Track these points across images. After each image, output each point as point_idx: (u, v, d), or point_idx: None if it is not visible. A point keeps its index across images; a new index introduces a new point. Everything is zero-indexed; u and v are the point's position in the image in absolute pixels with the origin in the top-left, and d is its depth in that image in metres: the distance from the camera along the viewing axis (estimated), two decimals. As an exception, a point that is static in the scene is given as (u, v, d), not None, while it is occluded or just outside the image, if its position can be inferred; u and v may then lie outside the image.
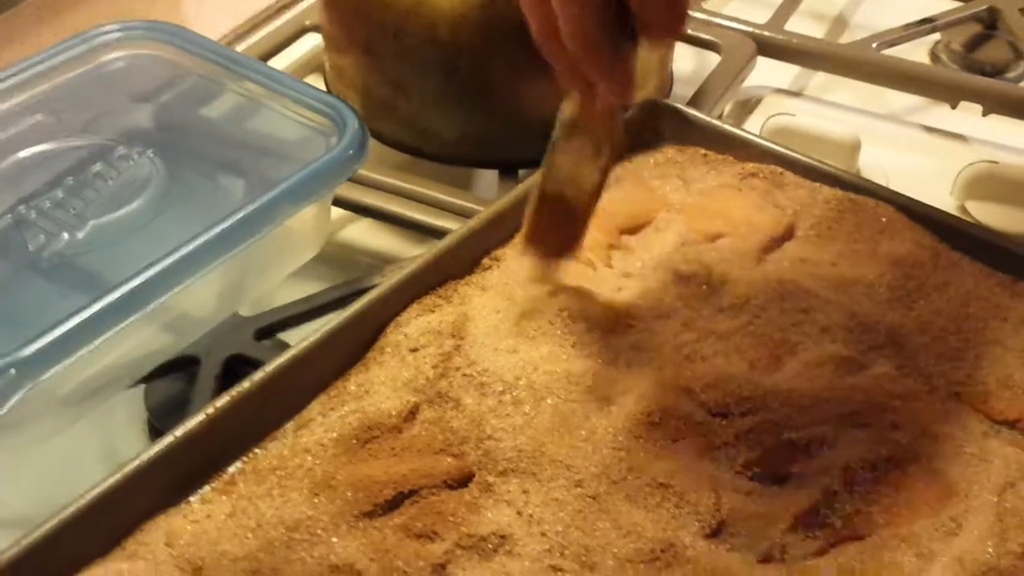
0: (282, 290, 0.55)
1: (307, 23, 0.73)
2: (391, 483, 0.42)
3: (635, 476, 0.42)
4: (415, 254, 0.54)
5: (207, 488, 0.42)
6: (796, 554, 0.41)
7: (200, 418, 0.42)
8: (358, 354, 0.48)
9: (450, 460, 0.43)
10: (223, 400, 0.43)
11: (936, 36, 0.77)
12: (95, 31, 0.57)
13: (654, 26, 0.43)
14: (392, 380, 0.46)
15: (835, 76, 0.72)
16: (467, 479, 0.43)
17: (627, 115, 0.58)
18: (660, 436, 0.44)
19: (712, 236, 0.53)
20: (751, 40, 0.72)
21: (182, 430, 0.41)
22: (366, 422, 0.44)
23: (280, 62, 0.71)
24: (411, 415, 0.45)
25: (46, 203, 0.49)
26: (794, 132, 0.64)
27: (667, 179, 0.57)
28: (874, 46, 0.73)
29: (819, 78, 0.74)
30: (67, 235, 0.48)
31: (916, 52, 0.76)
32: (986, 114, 0.69)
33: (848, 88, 0.73)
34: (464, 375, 0.46)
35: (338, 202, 0.58)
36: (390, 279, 0.49)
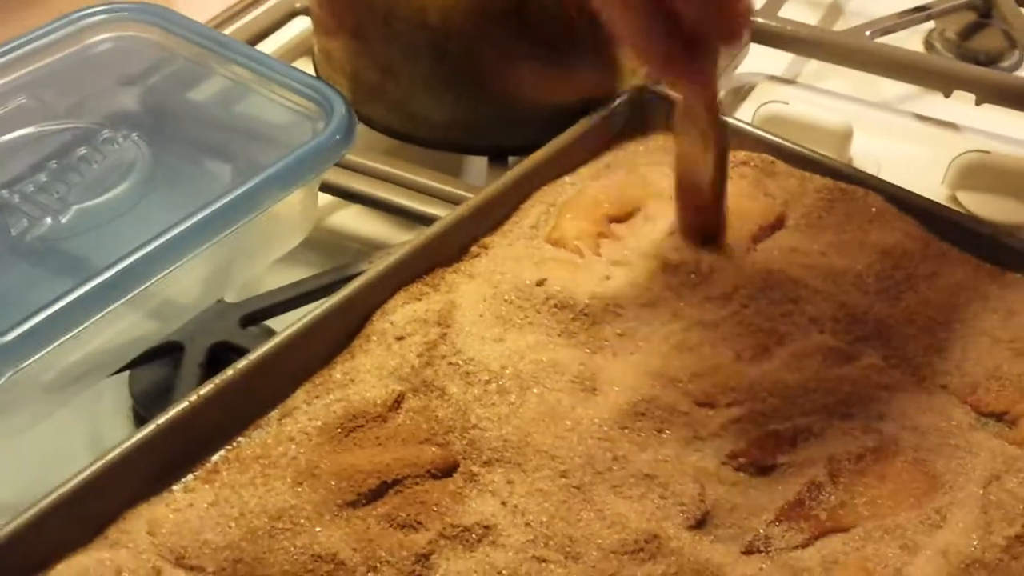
0: (268, 276, 0.55)
1: (296, 6, 0.72)
2: (375, 472, 0.42)
3: (620, 467, 0.42)
4: (403, 240, 0.54)
5: (190, 477, 0.42)
6: (780, 546, 0.41)
7: (183, 406, 0.42)
8: (344, 342, 0.47)
9: (435, 450, 0.43)
10: (206, 388, 0.42)
11: (931, 24, 0.77)
12: (80, 12, 0.56)
13: (713, 35, 0.45)
14: (378, 368, 0.46)
15: (829, 64, 0.72)
16: (452, 469, 0.43)
17: (618, 102, 0.58)
18: (646, 426, 0.44)
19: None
20: (744, 26, 0.71)
21: (164, 418, 0.41)
22: (351, 411, 0.44)
23: (269, 45, 0.70)
24: (396, 404, 0.44)
25: (29, 187, 0.48)
26: (786, 120, 0.64)
27: (657, 167, 0.56)
28: (868, 34, 0.72)
29: (813, 65, 0.74)
30: (50, 220, 0.47)
31: (910, 40, 0.76)
32: (979, 103, 0.68)
33: (842, 76, 0.73)
34: (450, 364, 0.46)
35: (326, 187, 0.58)
36: (377, 266, 0.49)
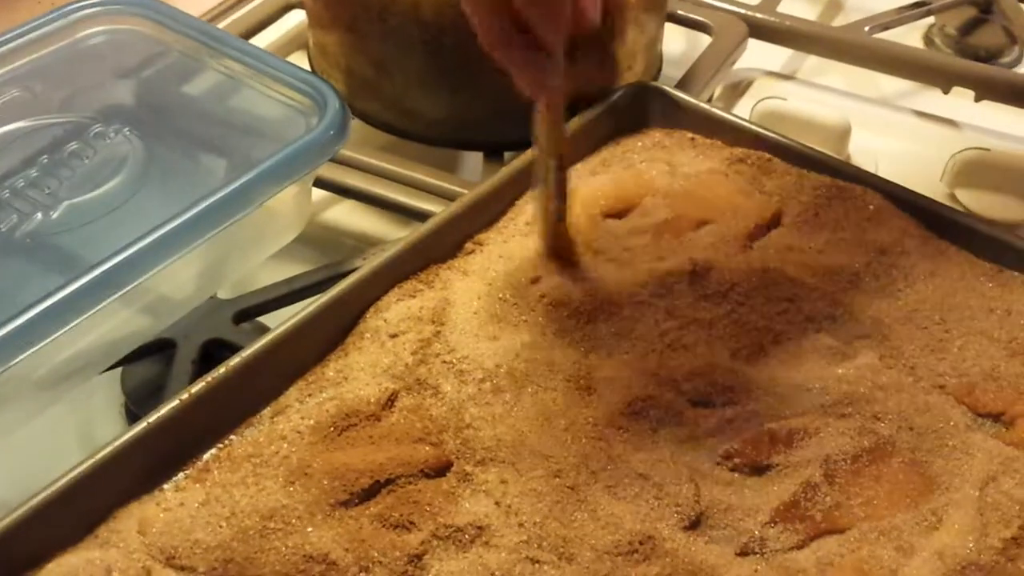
0: (262, 272, 0.55)
1: (291, 0, 0.72)
2: (368, 472, 0.41)
3: (614, 467, 0.42)
4: (398, 237, 0.54)
5: (181, 475, 0.42)
6: (775, 547, 0.40)
7: (174, 404, 0.41)
8: (337, 339, 0.47)
9: (428, 449, 0.43)
10: (198, 386, 0.42)
11: (930, 20, 0.77)
12: (73, 5, 0.56)
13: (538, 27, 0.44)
14: (371, 366, 0.45)
15: (827, 59, 0.72)
16: (445, 468, 0.42)
17: (615, 97, 0.58)
18: (641, 426, 0.44)
19: (698, 222, 0.53)
20: (743, 22, 0.71)
21: (155, 416, 0.41)
22: (344, 409, 0.43)
23: (263, 39, 0.70)
24: (389, 402, 0.44)
25: (19, 182, 0.48)
26: (784, 116, 0.64)
27: (654, 163, 0.56)
28: (867, 29, 0.72)
29: (811, 61, 0.74)
30: (41, 215, 0.47)
31: (910, 36, 0.75)
32: (979, 100, 0.68)
33: (840, 72, 0.72)
34: (444, 362, 0.46)
35: (321, 183, 0.58)
36: (370, 263, 0.48)
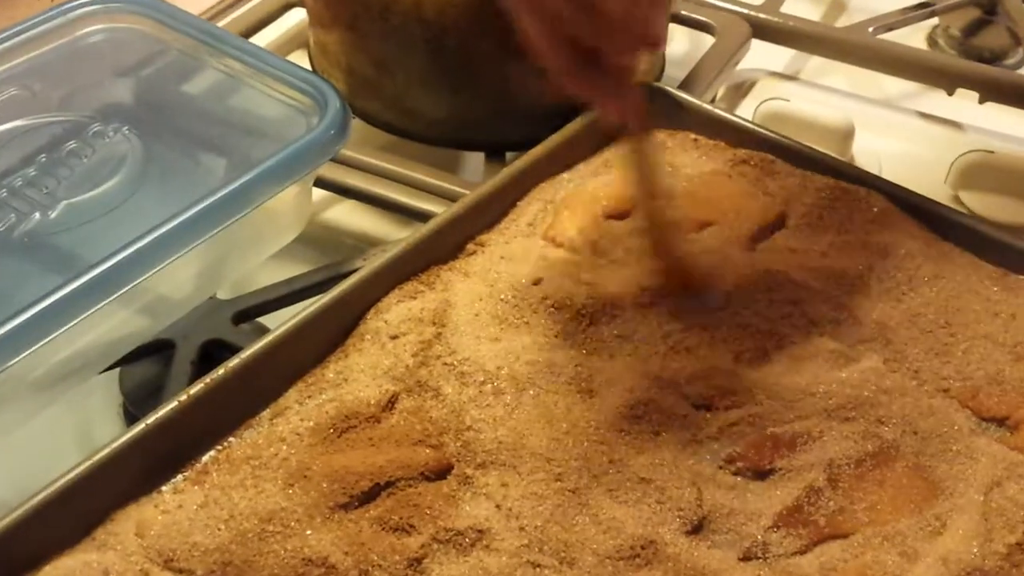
0: (262, 272, 0.54)
1: (292, -2, 0.71)
2: (368, 474, 0.41)
3: (616, 470, 0.42)
4: (399, 237, 0.53)
5: (179, 477, 0.41)
6: (778, 552, 0.40)
7: (172, 406, 0.41)
8: (337, 340, 0.47)
9: (428, 451, 0.42)
10: (197, 387, 0.42)
11: (934, 21, 0.76)
12: (73, 3, 0.56)
13: (610, 51, 0.44)
14: (371, 368, 0.45)
15: (831, 60, 0.71)
16: (445, 471, 0.42)
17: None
18: (643, 429, 0.43)
19: (701, 224, 0.52)
20: (746, 22, 0.71)
21: (153, 418, 0.41)
22: (344, 411, 0.43)
23: (264, 38, 0.70)
24: (390, 404, 0.44)
25: (17, 181, 0.48)
26: (787, 117, 0.63)
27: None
28: (871, 30, 0.71)
29: (814, 62, 0.73)
30: (39, 215, 0.47)
31: (914, 37, 0.75)
32: (983, 101, 0.68)
33: (844, 72, 0.72)
34: (444, 364, 0.45)
35: (321, 183, 0.57)
36: (371, 264, 0.48)
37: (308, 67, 0.63)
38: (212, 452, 0.42)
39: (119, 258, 0.43)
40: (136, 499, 0.40)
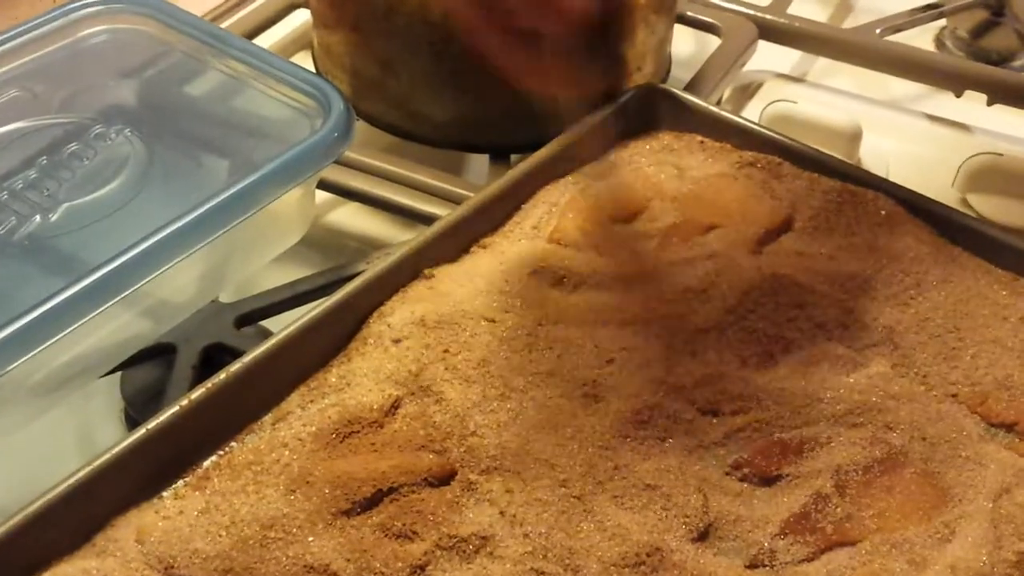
0: (265, 276, 0.54)
1: (296, -1, 0.71)
2: (370, 480, 0.41)
3: (621, 476, 0.41)
4: (402, 240, 0.53)
5: (180, 483, 0.41)
6: (785, 560, 0.40)
7: (174, 410, 0.41)
8: (340, 344, 0.46)
9: (432, 457, 0.42)
10: (198, 392, 0.41)
11: (942, 22, 0.76)
12: (75, 4, 0.55)
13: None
14: (374, 372, 0.45)
15: (838, 62, 0.71)
16: (449, 477, 0.42)
17: (623, 99, 0.57)
18: (648, 435, 0.43)
19: (707, 227, 0.52)
20: (752, 23, 0.70)
21: (154, 423, 0.40)
22: (346, 416, 0.43)
23: (267, 39, 0.69)
24: (393, 409, 0.43)
25: (18, 184, 0.47)
26: (794, 120, 0.63)
27: (662, 166, 0.55)
28: (878, 31, 0.71)
29: (821, 63, 0.73)
30: (39, 217, 0.46)
31: (921, 38, 0.75)
32: (991, 103, 0.67)
33: (851, 74, 0.71)
34: (448, 368, 0.45)
35: (324, 185, 0.57)
36: (375, 267, 0.48)
37: (312, 69, 0.62)
38: (213, 457, 0.42)
39: (121, 261, 0.43)
40: (137, 505, 0.40)
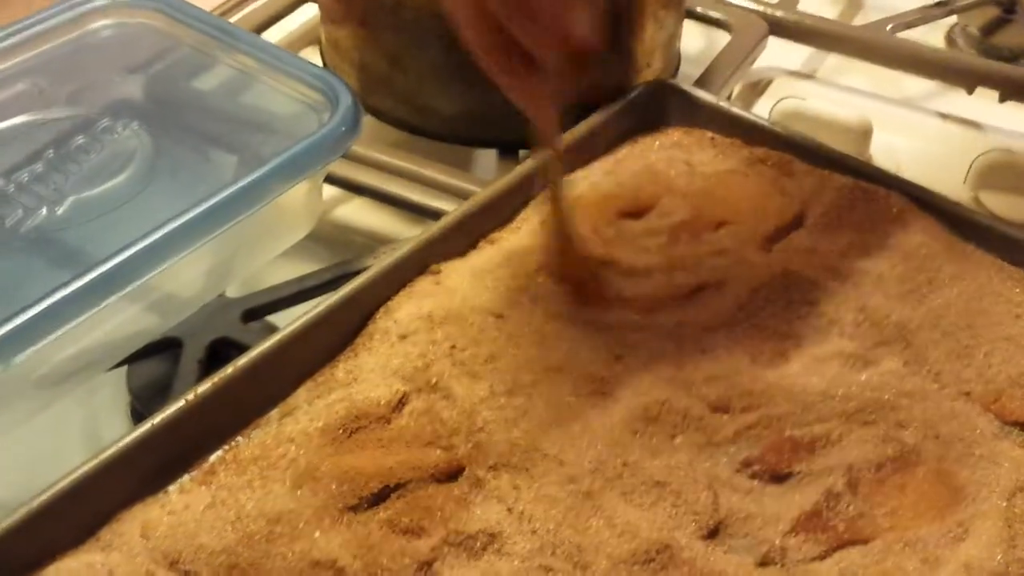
0: (271, 271, 0.54)
1: (304, -6, 0.71)
2: (377, 476, 0.40)
3: (631, 473, 0.41)
4: (410, 235, 0.52)
5: (186, 478, 0.40)
6: (796, 558, 0.39)
7: (180, 405, 0.40)
8: (347, 339, 0.46)
9: (439, 453, 0.41)
10: (204, 386, 0.41)
11: (953, 19, 0.75)
12: (82, -2, 0.55)
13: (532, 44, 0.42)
14: (381, 368, 0.44)
15: (848, 59, 0.70)
16: (457, 473, 0.41)
17: (632, 95, 0.56)
18: (657, 431, 0.42)
19: (717, 223, 0.52)
20: (762, 20, 0.70)
21: (160, 417, 0.40)
22: (353, 411, 0.42)
23: (275, 34, 0.69)
24: (400, 405, 0.43)
25: (24, 177, 0.47)
26: (804, 116, 0.62)
27: (672, 163, 0.55)
28: (889, 28, 0.71)
29: (832, 60, 0.72)
30: (46, 210, 0.46)
31: (932, 35, 0.74)
32: (1003, 100, 0.67)
33: (861, 71, 0.71)
34: (455, 364, 0.44)
35: (332, 180, 0.57)
36: (382, 262, 0.47)
37: (320, 64, 0.62)
38: (219, 452, 0.41)
39: (127, 255, 0.43)
40: (142, 499, 0.40)
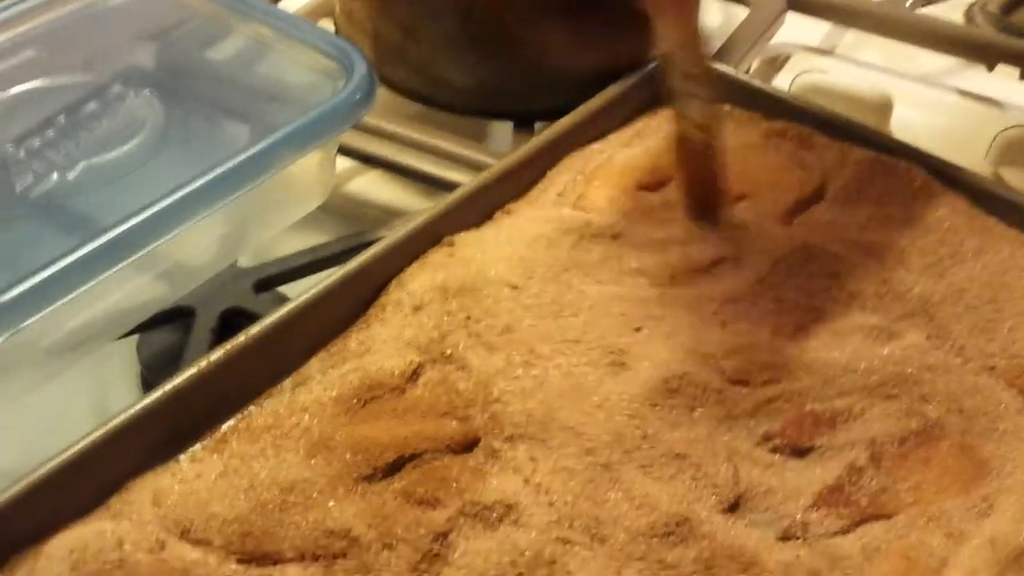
0: (283, 241, 0.53)
1: (318, -36, 0.70)
2: (392, 446, 0.40)
3: (650, 446, 0.40)
4: (423, 208, 0.52)
5: (198, 446, 0.40)
6: (818, 532, 0.39)
7: (192, 372, 0.40)
8: (359, 310, 0.45)
9: (455, 423, 0.41)
10: (217, 354, 0.41)
11: (972, -3, 0.74)
12: (95, -35, 0.54)
13: None
14: (395, 339, 0.44)
15: (867, 34, 0.69)
16: (472, 444, 0.41)
17: (651, 67, 0.56)
18: (677, 404, 0.42)
19: (735, 197, 0.51)
20: (781, -6, 0.69)
21: (172, 384, 0.39)
22: (367, 381, 0.42)
23: (290, 4, 0.68)
24: (414, 375, 0.42)
25: (36, 142, 0.46)
26: (824, 90, 0.62)
27: (690, 135, 0.54)
28: (908, 4, 0.70)
29: (850, 36, 0.71)
30: (57, 176, 0.45)
31: (951, 14, 0.73)
32: (1024, 77, 0.66)
33: (880, 48, 0.70)
34: (470, 335, 0.44)
35: (345, 151, 0.56)
36: (395, 233, 0.47)
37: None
38: (232, 421, 0.41)
39: (136, 220, 0.42)
40: (153, 468, 0.39)
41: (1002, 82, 0.66)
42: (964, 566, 0.37)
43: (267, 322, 0.42)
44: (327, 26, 0.64)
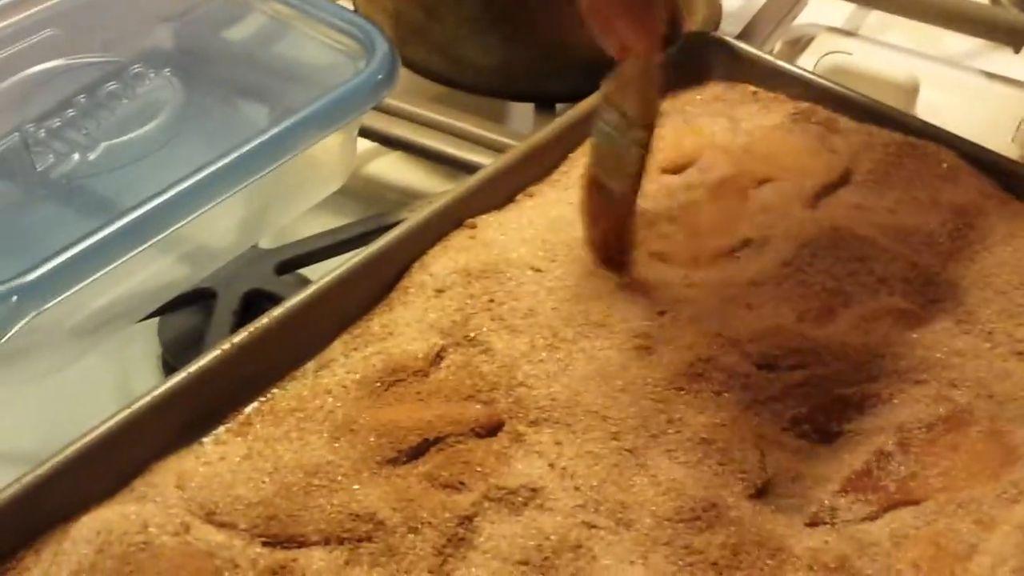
0: (305, 223, 0.53)
1: (337, -56, 0.69)
2: (416, 429, 0.39)
3: (675, 430, 0.40)
4: (444, 190, 0.51)
5: (221, 429, 0.40)
6: (847, 518, 0.38)
7: (215, 354, 0.40)
8: (382, 293, 0.45)
9: (479, 407, 0.41)
10: (240, 336, 0.40)
11: (998, -23, 0.73)
12: (115, -55, 0.54)
13: None
14: (417, 321, 0.43)
15: (891, 15, 0.69)
16: (496, 428, 0.40)
17: (672, 50, 0.55)
18: (703, 388, 0.41)
19: (760, 180, 0.50)
20: (805, -26, 0.68)
21: (195, 367, 0.39)
22: (391, 364, 0.41)
23: (308, -15, 0.68)
24: (438, 358, 0.42)
25: (56, 122, 0.46)
26: (850, 72, 0.61)
27: (714, 117, 0.53)
28: (934, -16, 0.69)
29: (874, 17, 0.71)
30: (77, 156, 0.45)
31: (976, -4, 0.72)
32: (1052, 60, 0.65)
33: (905, 28, 0.69)
34: (493, 318, 0.43)
35: (366, 133, 0.56)
36: (417, 215, 0.46)
37: (352, 14, 0.61)
38: (255, 403, 0.41)
39: (158, 202, 0.42)
40: (177, 450, 0.39)
41: (1029, 65, 0.66)
42: (993, 553, 0.37)
43: (290, 304, 0.42)
44: (347, 5, 0.64)
